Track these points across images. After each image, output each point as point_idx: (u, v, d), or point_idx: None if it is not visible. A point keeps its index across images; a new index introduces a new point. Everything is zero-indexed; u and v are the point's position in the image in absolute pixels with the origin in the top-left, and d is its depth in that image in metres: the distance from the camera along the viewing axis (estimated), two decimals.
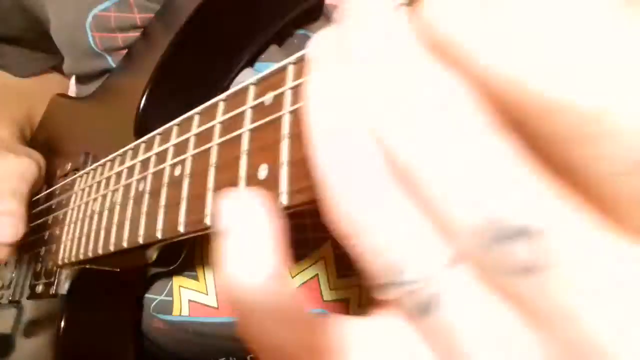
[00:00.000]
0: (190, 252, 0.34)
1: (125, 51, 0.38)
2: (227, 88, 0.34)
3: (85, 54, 0.40)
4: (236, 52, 0.32)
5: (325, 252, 0.33)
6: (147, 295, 0.36)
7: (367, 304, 0.33)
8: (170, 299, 0.35)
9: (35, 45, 0.51)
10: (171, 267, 0.32)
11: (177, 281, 0.35)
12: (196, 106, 0.32)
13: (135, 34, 0.36)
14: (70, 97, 0.48)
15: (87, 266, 0.32)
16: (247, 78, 0.33)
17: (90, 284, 0.33)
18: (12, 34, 0.51)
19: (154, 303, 0.36)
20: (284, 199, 0.17)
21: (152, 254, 0.29)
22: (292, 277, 0.34)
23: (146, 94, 0.32)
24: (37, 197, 0.43)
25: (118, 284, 0.34)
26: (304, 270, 0.34)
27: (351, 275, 0.33)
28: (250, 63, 0.34)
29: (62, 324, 0.32)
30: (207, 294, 0.35)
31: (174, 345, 0.37)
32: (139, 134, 0.32)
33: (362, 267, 0.11)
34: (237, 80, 0.33)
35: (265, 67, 0.34)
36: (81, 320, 0.33)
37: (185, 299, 0.35)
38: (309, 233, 0.34)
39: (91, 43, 0.38)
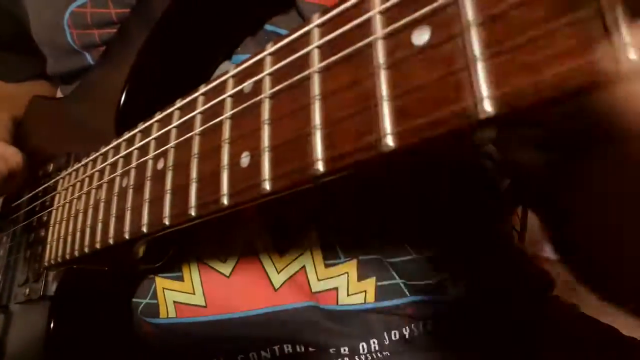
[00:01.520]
0: (174, 251, 0.33)
1: (103, 48, 0.37)
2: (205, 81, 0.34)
3: (65, 52, 0.39)
4: (213, 45, 0.32)
5: (311, 242, 0.33)
6: (134, 299, 0.36)
7: (355, 291, 0.33)
8: (155, 301, 0.35)
9: (25, 51, 0.50)
10: (158, 264, 0.32)
11: (161, 283, 0.35)
12: (175, 100, 0.32)
13: (112, 30, 0.36)
14: (49, 98, 0.48)
15: (75, 266, 0.32)
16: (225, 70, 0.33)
17: (78, 285, 0.33)
18: (2, 40, 0.50)
19: (141, 306, 0.35)
20: (267, 185, 0.17)
21: (139, 250, 0.29)
22: (278, 273, 0.34)
23: (125, 91, 0.32)
24: (20, 200, 0.42)
25: (107, 283, 0.34)
26: (290, 263, 0.34)
27: (339, 263, 0.33)
28: (228, 56, 0.33)
29: (51, 325, 0.31)
30: (194, 294, 0.34)
31: (164, 349, 0.36)
32: (119, 131, 0.32)
33: None
34: (216, 74, 0.33)
35: (241, 59, 0.34)
36: (70, 321, 0.32)
37: (171, 300, 0.35)
38: (294, 224, 0.33)
39: (69, 40, 0.38)
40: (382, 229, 0.33)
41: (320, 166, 0.15)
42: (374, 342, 0.34)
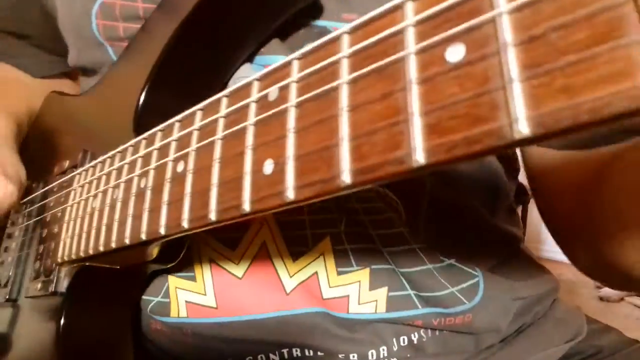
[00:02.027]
0: (187, 251, 0.33)
1: (125, 43, 0.37)
2: (226, 84, 0.34)
3: (88, 43, 0.39)
4: (237, 47, 0.32)
5: (324, 248, 0.33)
6: (143, 297, 0.36)
7: (367, 300, 0.33)
8: (167, 300, 0.35)
9: (49, 45, 0.50)
10: (170, 265, 0.32)
11: (173, 282, 0.35)
12: (196, 102, 0.32)
13: (137, 24, 0.36)
14: (66, 94, 0.48)
15: (87, 264, 0.32)
16: (245, 73, 0.34)
17: (90, 282, 0.33)
18: (26, 30, 0.51)
19: (151, 305, 0.35)
20: (290, 194, 0.17)
21: (153, 251, 0.29)
22: (290, 277, 0.34)
23: (145, 90, 0.32)
24: (33, 195, 0.43)
25: (118, 282, 0.34)
26: (302, 268, 0.34)
27: (351, 271, 0.33)
28: (250, 58, 0.34)
29: (62, 321, 0.31)
30: (206, 294, 0.34)
31: (172, 347, 0.37)
32: (138, 130, 0.32)
33: None
34: (236, 76, 0.33)
35: (265, 60, 0.34)
36: (81, 318, 0.32)
37: (182, 300, 0.35)
38: (308, 229, 0.34)
39: (94, 31, 0.38)
40: (400, 238, 0.33)
41: (347, 178, 0.15)
42: (383, 350, 0.34)
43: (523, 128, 0.12)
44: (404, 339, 0.34)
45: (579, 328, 0.40)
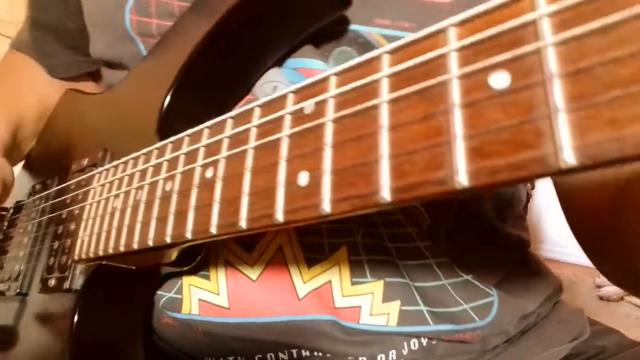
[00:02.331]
0: (204, 253, 0.34)
1: (156, 40, 0.37)
2: (250, 89, 0.34)
3: (119, 37, 0.39)
4: (266, 54, 0.33)
5: (340, 257, 0.34)
6: (157, 291, 0.36)
7: (379, 312, 0.34)
8: (179, 296, 0.36)
9: (75, 41, 0.51)
10: (186, 268, 0.33)
11: (188, 280, 0.36)
12: (220, 106, 0.32)
13: (171, 22, 0.36)
14: (85, 92, 0.48)
15: (104, 262, 0.32)
16: (274, 77, 0.34)
17: (105, 281, 0.33)
18: (51, 21, 0.51)
19: (164, 299, 0.36)
20: (327, 207, 0.18)
21: (172, 255, 0.30)
22: (304, 283, 0.34)
23: (171, 92, 0.32)
24: (48, 191, 0.43)
25: (133, 282, 0.34)
26: (317, 275, 0.34)
27: (365, 282, 0.34)
28: (279, 62, 0.34)
29: (76, 318, 0.32)
30: (219, 294, 0.35)
31: (182, 342, 0.37)
32: (161, 133, 0.32)
33: None
34: (263, 79, 0.34)
35: (296, 63, 0.34)
36: (94, 316, 0.33)
37: (196, 297, 0.35)
38: (325, 238, 0.34)
39: (127, 26, 0.38)
40: (417, 252, 0.33)
41: (386, 195, 0.16)
42: (392, 353, 0.34)
43: (569, 157, 0.12)
44: (414, 343, 0.35)
45: (582, 328, 0.41)
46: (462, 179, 0.14)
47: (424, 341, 0.35)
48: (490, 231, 0.38)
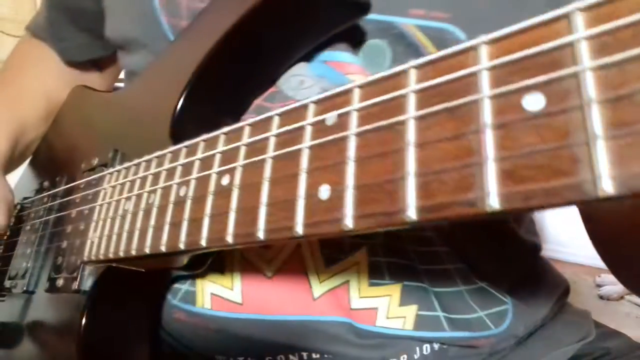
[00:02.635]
0: (216, 257, 0.34)
1: (183, 22, 0.36)
2: (274, 81, 0.34)
3: (143, 15, 0.38)
4: (289, 55, 0.32)
5: (360, 257, 0.33)
6: (174, 284, 0.36)
7: (395, 315, 0.33)
8: (193, 289, 0.35)
9: (90, 23, 0.51)
10: (199, 270, 0.32)
11: (202, 272, 0.35)
12: (237, 109, 0.32)
13: (202, 4, 0.35)
14: (95, 90, 0.48)
15: (114, 265, 0.32)
16: (300, 71, 0.33)
17: (114, 283, 0.33)
18: (68, 1, 0.51)
19: (180, 292, 0.36)
20: (349, 223, 0.17)
21: (184, 259, 0.29)
22: (320, 283, 0.34)
23: (184, 95, 0.32)
24: (56, 190, 0.43)
25: (142, 285, 0.34)
26: (334, 275, 0.34)
27: (383, 284, 0.33)
28: (306, 57, 0.33)
29: (84, 321, 0.32)
30: (232, 290, 0.35)
31: (192, 338, 0.37)
32: (174, 137, 0.32)
33: None
34: (289, 73, 0.33)
35: (326, 56, 0.34)
36: (103, 319, 0.32)
37: (208, 292, 0.35)
38: (346, 238, 0.34)
39: (155, 5, 0.37)
40: (437, 257, 0.33)
41: (412, 214, 0.16)
42: (403, 358, 0.34)
43: (607, 187, 0.12)
44: (426, 347, 0.35)
45: (588, 329, 0.41)
46: (494, 202, 0.14)
47: (436, 346, 0.35)
48: (507, 236, 0.38)
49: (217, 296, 0.35)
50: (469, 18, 0.32)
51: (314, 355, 0.35)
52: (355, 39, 0.33)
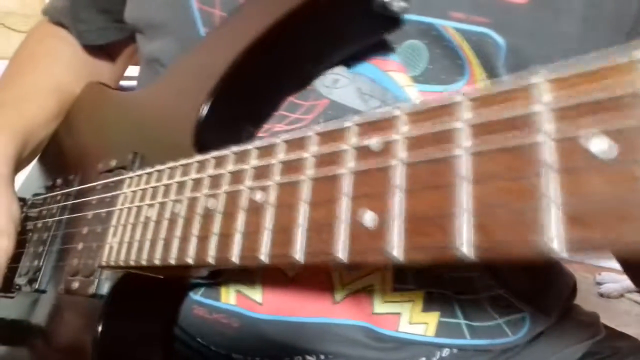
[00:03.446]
0: None
1: (215, 10, 0.36)
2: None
3: (172, 1, 0.37)
4: (325, 61, 0.31)
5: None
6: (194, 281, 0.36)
7: (417, 321, 0.33)
8: (217, 285, 0.35)
9: (109, 5, 0.50)
10: (220, 279, 0.32)
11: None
12: (263, 116, 0.32)
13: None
14: (111, 87, 0.47)
15: (132, 271, 0.31)
16: (335, 69, 0.33)
17: (132, 289, 0.33)
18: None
19: (202, 288, 0.36)
20: (398, 254, 0.17)
21: (206, 270, 0.29)
22: (343, 287, 0.34)
23: (209, 101, 0.32)
24: (71, 189, 0.42)
25: (159, 291, 0.34)
26: (358, 279, 0.34)
27: (406, 290, 0.33)
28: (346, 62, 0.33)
29: (100, 328, 0.31)
30: (254, 288, 0.35)
31: (209, 335, 0.37)
32: (198, 145, 0.31)
33: None
34: (328, 77, 0.33)
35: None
36: (119, 325, 0.32)
37: (233, 288, 0.35)
38: None
39: None
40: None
41: (467, 250, 0.15)
42: None
43: None
44: (445, 351, 0.35)
45: (597, 329, 0.42)
46: (558, 247, 0.14)
47: (455, 350, 0.35)
48: None
49: (241, 293, 0.34)
50: (508, 25, 0.33)
51: (330, 357, 0.35)
52: (394, 38, 0.33)
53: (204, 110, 0.32)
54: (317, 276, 0.34)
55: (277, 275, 0.34)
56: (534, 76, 0.16)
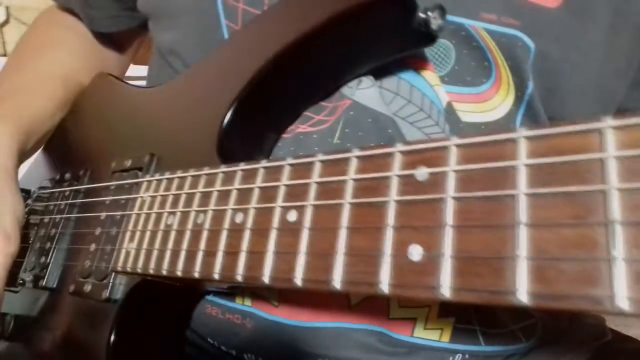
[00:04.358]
0: None
1: (239, 4, 0.35)
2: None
3: None
4: (354, 71, 0.31)
5: None
6: None
7: (433, 327, 0.33)
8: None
9: (128, 6, 0.49)
10: (235, 291, 0.32)
11: None
12: (284, 123, 0.31)
13: (258, 12, 0.34)
14: (122, 81, 0.46)
15: (149, 278, 0.31)
16: (366, 86, 0.32)
17: (146, 295, 0.32)
18: None
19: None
20: (446, 292, 0.17)
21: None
22: None
23: (234, 106, 0.31)
24: (80, 186, 0.41)
25: (174, 298, 0.33)
26: None
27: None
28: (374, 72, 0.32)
29: (114, 334, 0.31)
30: (271, 290, 0.34)
31: (222, 335, 0.36)
32: (222, 153, 0.31)
33: None
34: (362, 86, 0.32)
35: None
36: (132, 331, 0.32)
37: (249, 291, 0.35)
38: None
39: None
40: None
41: (523, 297, 0.15)
42: None
43: None
44: (458, 357, 0.35)
45: (603, 331, 0.42)
46: (623, 304, 0.13)
47: (467, 356, 0.35)
48: None
49: (257, 295, 0.34)
50: (539, 28, 0.33)
51: None
52: None
53: (230, 116, 0.31)
54: None
55: None
56: (599, 122, 0.15)
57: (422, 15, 0.26)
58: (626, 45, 0.35)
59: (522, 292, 0.15)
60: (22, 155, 0.44)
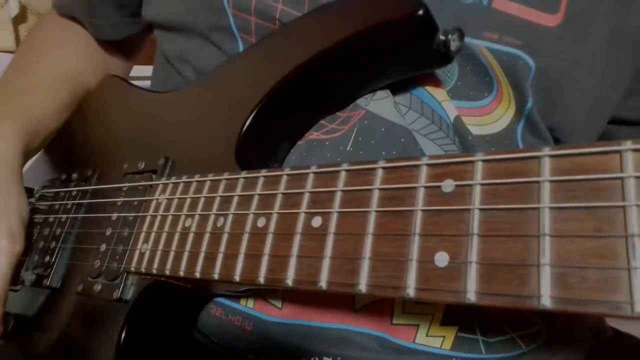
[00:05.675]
0: None
1: (252, 17, 0.36)
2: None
3: (207, 4, 0.37)
4: (372, 86, 0.32)
5: None
6: None
7: (435, 334, 0.34)
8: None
9: (131, 13, 0.50)
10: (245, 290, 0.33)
11: None
12: (300, 132, 0.32)
13: (271, 25, 0.35)
14: (132, 84, 0.47)
15: (163, 279, 0.31)
16: (381, 97, 0.33)
17: (158, 296, 0.32)
18: None
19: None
20: (472, 297, 0.18)
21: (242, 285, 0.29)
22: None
23: (254, 113, 0.32)
24: (89, 187, 0.42)
25: (185, 299, 0.34)
26: None
27: (428, 303, 0.34)
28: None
29: (124, 333, 0.31)
30: (275, 292, 0.34)
31: (223, 335, 0.36)
32: (240, 160, 0.32)
33: None
34: (375, 97, 0.33)
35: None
36: (143, 331, 0.32)
37: (253, 292, 0.35)
38: None
39: (224, 3, 0.36)
40: None
41: (547, 302, 0.16)
42: None
43: None
44: None
45: (603, 328, 0.43)
46: None
47: None
48: None
49: (261, 297, 0.34)
50: (539, 47, 0.34)
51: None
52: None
53: (250, 123, 0.32)
54: None
55: None
56: (619, 145, 0.17)
57: (442, 37, 0.28)
58: (623, 59, 0.37)
59: (546, 297, 0.16)
60: (28, 155, 0.44)
